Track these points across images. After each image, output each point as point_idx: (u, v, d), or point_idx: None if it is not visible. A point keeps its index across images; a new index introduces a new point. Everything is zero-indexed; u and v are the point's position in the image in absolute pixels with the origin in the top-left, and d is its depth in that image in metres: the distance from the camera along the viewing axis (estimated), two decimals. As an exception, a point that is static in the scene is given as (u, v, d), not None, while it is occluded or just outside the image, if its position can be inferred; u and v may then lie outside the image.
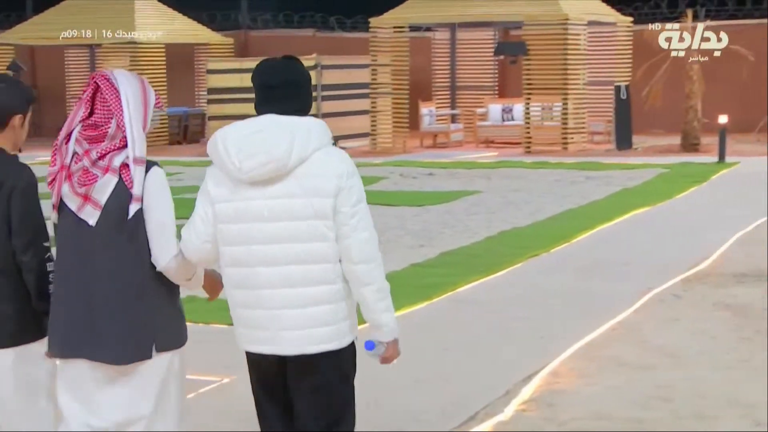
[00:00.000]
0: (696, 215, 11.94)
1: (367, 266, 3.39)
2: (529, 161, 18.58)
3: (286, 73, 3.50)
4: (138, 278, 3.45)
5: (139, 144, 3.42)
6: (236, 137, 3.39)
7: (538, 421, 5.16)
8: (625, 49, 22.03)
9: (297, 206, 3.37)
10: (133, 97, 3.43)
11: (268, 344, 3.45)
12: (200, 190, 3.50)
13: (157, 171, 3.48)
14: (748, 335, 6.70)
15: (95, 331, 3.45)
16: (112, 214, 3.42)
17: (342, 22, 28.91)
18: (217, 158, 3.42)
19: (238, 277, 3.46)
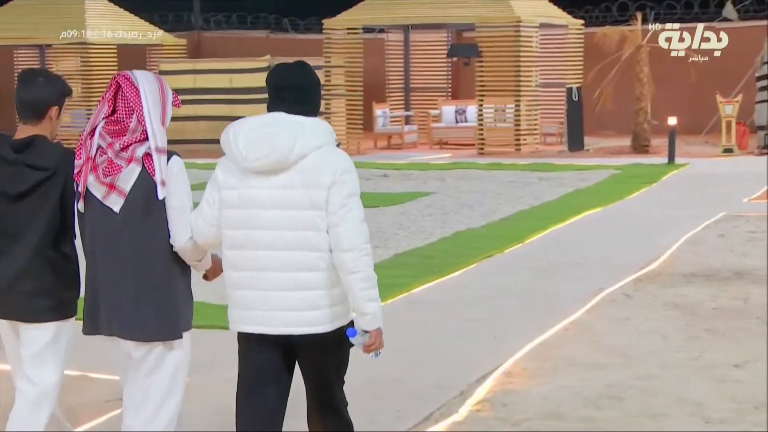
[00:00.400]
0: (647, 216, 12.09)
1: (354, 254, 3.62)
2: (482, 162, 18.68)
3: (296, 77, 3.80)
4: (162, 261, 3.78)
5: (159, 136, 3.74)
6: (245, 130, 3.70)
7: (492, 421, 5.20)
8: (576, 52, 22.25)
9: (295, 197, 3.65)
10: (152, 94, 3.77)
11: (260, 324, 3.71)
12: (211, 177, 3.80)
13: (176, 159, 3.80)
14: (697, 334, 6.80)
15: (124, 310, 3.78)
16: (136, 200, 3.73)
17: (295, 23, 28.85)
18: (227, 148, 3.73)
19: (236, 259, 3.73)
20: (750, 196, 13.60)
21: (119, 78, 3.80)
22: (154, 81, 3.82)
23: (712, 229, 11.05)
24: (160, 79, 3.87)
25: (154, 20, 26.21)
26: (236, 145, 3.68)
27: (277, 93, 3.76)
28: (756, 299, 7.75)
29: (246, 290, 3.72)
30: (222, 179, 3.74)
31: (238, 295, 3.75)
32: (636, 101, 20.50)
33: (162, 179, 3.73)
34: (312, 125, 3.70)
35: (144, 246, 3.76)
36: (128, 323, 3.80)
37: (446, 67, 24.67)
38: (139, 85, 3.77)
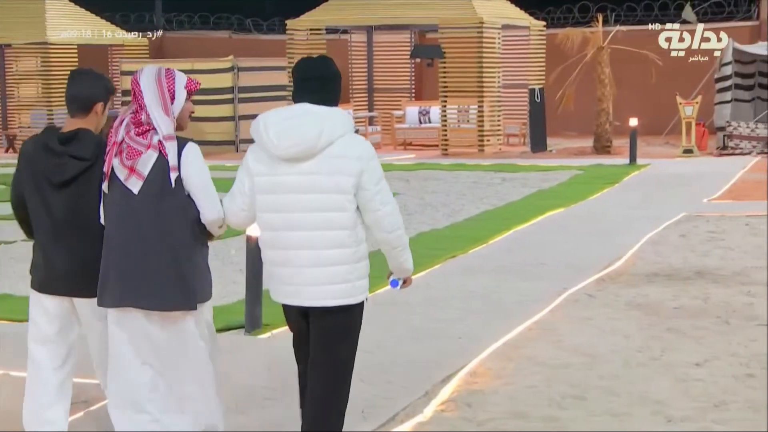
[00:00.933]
0: (609, 216, 12.19)
1: (397, 233, 4.18)
2: (446, 163, 18.74)
3: (319, 69, 4.18)
4: (178, 237, 4.16)
5: (163, 125, 4.14)
6: (275, 121, 4.07)
7: (457, 421, 5.22)
8: (538, 53, 22.38)
9: (323, 181, 4.04)
10: (149, 89, 4.16)
11: (293, 297, 4.15)
12: (240, 165, 4.16)
13: (191, 145, 4.21)
14: (659, 333, 6.87)
15: (141, 283, 4.15)
16: (154, 182, 4.13)
17: (258, 24, 28.77)
18: (258, 138, 4.10)
19: (271, 239, 4.15)
20: (710, 197, 13.76)
21: (132, 79, 4.25)
22: (150, 76, 4.19)
23: (673, 229, 11.16)
24: (160, 69, 4.22)
25: (116, 20, 26.01)
26: (267, 135, 4.04)
27: (301, 84, 4.13)
28: (716, 298, 7.84)
29: (281, 267, 4.13)
30: (253, 166, 4.11)
31: (275, 272, 4.18)
32: (598, 102, 20.66)
33: (173, 165, 4.11)
34: (335, 115, 4.07)
35: (160, 224, 4.14)
36: (144, 295, 4.16)
37: (409, 68, 24.72)
38: (141, 82, 4.17)
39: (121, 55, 24.35)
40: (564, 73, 20.63)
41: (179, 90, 4.23)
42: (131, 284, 4.19)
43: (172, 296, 4.19)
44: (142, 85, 4.18)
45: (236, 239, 10.22)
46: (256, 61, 22.90)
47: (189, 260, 4.22)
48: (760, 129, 19.80)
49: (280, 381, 5.89)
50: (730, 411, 5.30)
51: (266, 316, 7.13)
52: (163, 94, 4.18)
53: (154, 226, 4.16)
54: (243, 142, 22.13)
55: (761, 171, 16.69)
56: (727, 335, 6.78)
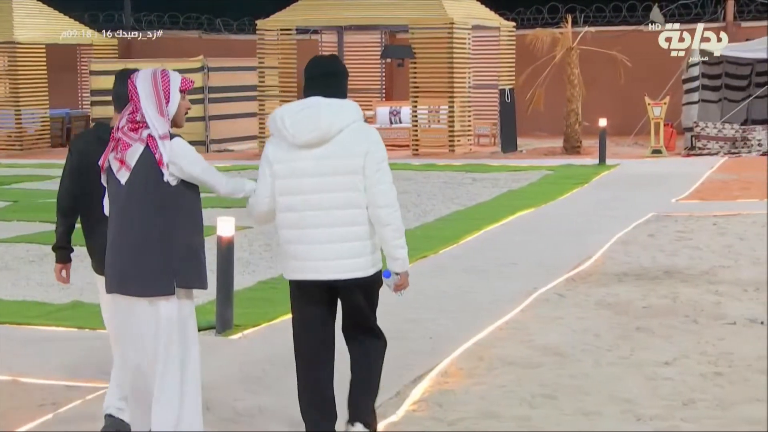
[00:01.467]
0: (579, 216, 12.25)
1: (388, 210, 4.52)
2: (416, 164, 18.76)
3: (330, 66, 4.61)
4: (159, 227, 4.33)
5: (158, 124, 4.35)
6: (290, 113, 4.49)
7: (428, 421, 5.23)
8: (508, 54, 22.46)
9: (337, 164, 4.46)
10: (143, 90, 4.36)
11: (311, 272, 4.50)
12: (262, 157, 4.56)
13: (177, 140, 4.39)
14: (628, 332, 6.91)
15: (125, 270, 4.37)
16: (140, 174, 4.33)
17: (228, 24, 28.67)
18: (275, 129, 4.51)
19: (290, 220, 4.53)
20: (678, 197, 13.87)
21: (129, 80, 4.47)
22: (146, 78, 4.39)
23: (642, 229, 11.24)
24: (156, 71, 4.40)
25: (84, 20, 25.82)
26: (284, 125, 4.45)
27: (314, 80, 4.54)
28: (684, 297, 7.91)
29: (298, 245, 4.50)
30: (272, 155, 4.50)
31: (291, 250, 4.53)
32: (567, 103, 20.77)
33: (166, 162, 4.31)
34: (345, 105, 4.52)
35: (144, 215, 4.34)
36: (123, 280, 4.38)
37: (380, 68, 24.74)
38: (137, 84, 4.38)
39: (90, 55, 24.18)
40: (534, 74, 20.72)
41: (174, 91, 4.41)
42: (118, 272, 4.40)
43: (151, 283, 4.35)
44: (138, 88, 4.38)
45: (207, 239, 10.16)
46: (226, 62, 22.82)
47: (170, 250, 4.36)
48: (727, 130, 19.99)
49: (252, 381, 5.88)
50: (698, 409, 5.35)
51: (237, 317, 7.11)
52: (158, 95, 4.38)
53: (140, 217, 4.35)
54: (213, 143, 22.05)
55: (728, 171, 16.86)
56: (696, 334, 6.84)
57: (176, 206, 4.39)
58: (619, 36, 23.57)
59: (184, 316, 4.47)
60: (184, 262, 4.42)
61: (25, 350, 6.57)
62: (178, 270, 4.39)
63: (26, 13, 23.62)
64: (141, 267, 4.35)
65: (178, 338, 4.44)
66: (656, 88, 21.09)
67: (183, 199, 4.41)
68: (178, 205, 4.39)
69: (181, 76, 4.47)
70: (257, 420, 5.27)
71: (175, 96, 4.39)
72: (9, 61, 22.83)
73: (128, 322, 4.47)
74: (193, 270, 4.46)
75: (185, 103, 4.49)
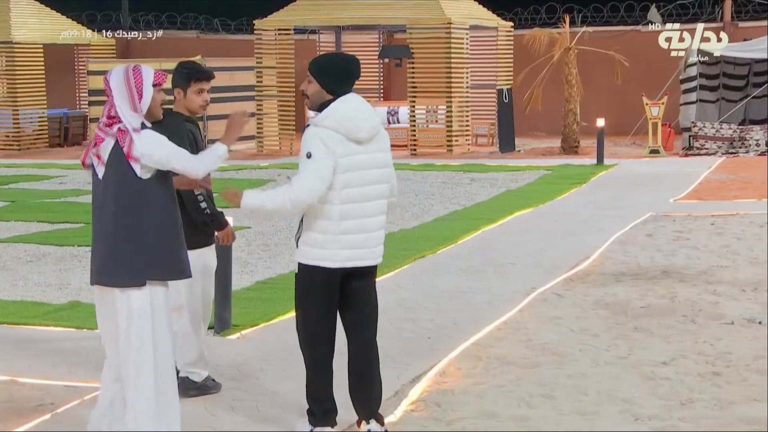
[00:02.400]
0: (577, 216, 12.26)
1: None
2: (415, 164, 18.75)
3: (357, 64, 4.95)
4: (131, 219, 4.44)
5: (131, 119, 4.46)
6: (352, 107, 4.76)
7: (427, 421, 5.23)
8: (506, 54, 22.46)
9: (382, 157, 4.87)
10: (117, 87, 4.49)
11: (364, 259, 4.85)
12: (315, 153, 4.68)
13: (146, 130, 4.48)
14: (626, 332, 6.92)
15: (102, 262, 4.50)
16: (111, 167, 4.46)
17: (226, 24, 28.67)
18: (339, 123, 4.72)
19: (349, 210, 4.77)
20: (676, 197, 13.88)
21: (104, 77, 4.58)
22: (119, 74, 4.50)
23: (640, 229, 11.24)
24: (128, 68, 4.52)
25: (82, 20, 25.81)
26: (352, 120, 4.72)
27: (351, 77, 4.83)
28: (682, 297, 7.91)
29: (357, 234, 4.78)
30: (336, 149, 4.69)
31: (349, 239, 4.77)
32: (565, 103, 20.78)
33: (136, 155, 4.41)
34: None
35: (117, 207, 4.45)
36: (99, 271, 4.52)
37: (378, 68, 24.73)
38: (110, 81, 4.50)
39: (88, 55, 24.17)
40: (532, 74, 20.73)
41: (147, 87, 4.51)
42: (97, 264, 4.56)
43: (122, 274, 4.46)
44: (112, 85, 4.49)
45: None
46: (223, 61, 22.80)
47: (141, 242, 4.46)
48: (725, 130, 20.00)
49: (250, 382, 5.88)
50: (696, 409, 5.35)
51: (235, 317, 7.11)
52: (130, 91, 4.48)
53: (113, 210, 4.47)
54: (211, 142, 22.00)
55: (726, 171, 16.88)
56: (694, 334, 6.85)
57: (148, 199, 4.46)
58: (617, 36, 23.61)
59: (158, 309, 4.51)
60: (156, 254, 4.49)
61: (23, 350, 6.57)
62: (149, 262, 4.47)
63: (24, 13, 23.61)
64: (114, 258, 4.47)
65: (151, 332, 4.48)
66: (654, 88, 21.10)
67: (156, 191, 4.49)
68: (150, 197, 4.47)
69: (154, 71, 4.57)
70: (256, 420, 5.27)
71: (147, 90, 4.50)
72: (7, 61, 22.81)
73: (105, 313, 4.57)
74: (166, 262, 4.52)
75: (160, 96, 4.60)
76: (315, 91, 4.83)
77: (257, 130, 21.84)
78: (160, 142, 4.50)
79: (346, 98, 4.79)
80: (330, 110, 4.75)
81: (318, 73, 4.82)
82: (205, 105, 5.60)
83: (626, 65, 20.58)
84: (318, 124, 4.76)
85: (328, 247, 4.77)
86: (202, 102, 5.58)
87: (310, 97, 4.87)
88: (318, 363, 4.89)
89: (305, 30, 24.17)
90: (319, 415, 4.92)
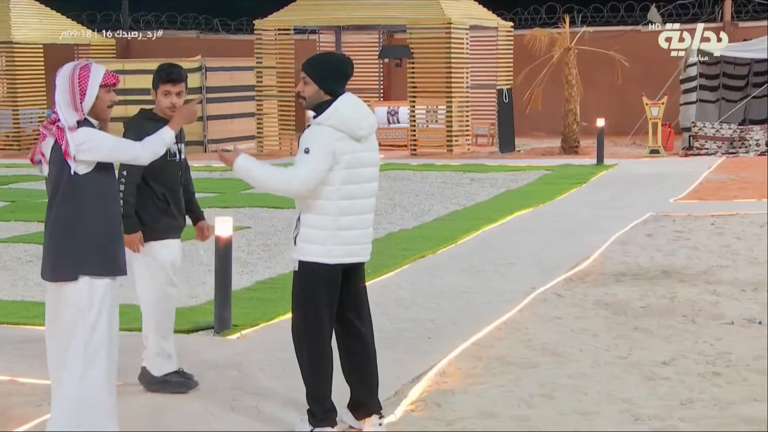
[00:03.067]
0: (577, 216, 12.26)
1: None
2: (414, 164, 18.76)
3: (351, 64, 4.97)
4: (67, 215, 4.51)
5: (68, 116, 4.50)
6: (352, 106, 4.83)
7: (427, 421, 5.23)
8: (506, 54, 22.46)
9: (376, 156, 4.94)
10: (60, 83, 4.54)
11: (359, 255, 4.92)
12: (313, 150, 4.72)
13: (82, 128, 4.50)
14: (626, 332, 6.92)
15: (44, 257, 4.61)
16: (52, 165, 4.54)
17: (226, 24, 28.67)
18: (341, 122, 4.77)
19: (347, 207, 4.82)
20: (676, 197, 13.88)
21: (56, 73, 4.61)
22: (66, 71, 4.54)
23: (640, 229, 11.24)
24: (76, 67, 4.55)
25: (82, 20, 25.81)
26: (354, 118, 4.78)
27: (344, 77, 4.87)
28: (682, 297, 7.91)
29: (353, 230, 4.82)
30: (339, 147, 4.74)
31: (346, 235, 4.83)
32: (565, 103, 20.78)
33: (72, 153, 4.45)
34: None
35: (55, 203, 4.54)
36: (44, 266, 4.62)
37: (378, 68, 24.73)
38: (57, 76, 4.56)
39: (88, 55, 24.16)
40: (532, 74, 20.73)
41: (92, 86, 4.51)
42: (43, 259, 4.65)
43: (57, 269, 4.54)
44: (57, 81, 4.55)
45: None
46: (223, 61, 22.81)
47: (76, 238, 4.51)
48: (725, 130, 20.00)
49: (250, 382, 5.88)
50: (696, 409, 5.35)
51: (235, 317, 7.10)
52: (72, 89, 4.51)
53: (53, 205, 4.55)
54: (211, 142, 22.04)
55: (726, 171, 16.88)
56: (694, 334, 6.84)
57: (84, 195, 4.50)
58: (617, 36, 23.61)
59: (93, 306, 4.52)
60: (91, 250, 4.51)
61: (23, 350, 6.57)
62: (83, 258, 4.50)
63: (24, 13, 23.61)
64: (49, 253, 4.56)
65: (83, 329, 4.50)
66: (654, 88, 21.11)
67: (93, 188, 4.52)
68: (86, 194, 4.50)
69: (105, 71, 4.56)
70: (256, 420, 5.27)
71: (92, 90, 4.50)
72: (7, 61, 22.82)
73: (48, 308, 4.63)
74: (101, 258, 4.54)
75: (109, 96, 4.58)
76: (313, 92, 4.85)
77: (257, 130, 21.84)
78: (97, 137, 4.50)
79: (345, 97, 4.84)
80: (332, 110, 4.79)
81: (316, 75, 4.83)
82: (172, 107, 5.45)
83: (626, 65, 20.58)
84: (321, 123, 4.79)
85: (326, 243, 4.81)
86: (169, 104, 5.47)
87: (308, 99, 4.87)
88: (320, 363, 4.89)
89: (305, 30, 24.17)
90: (319, 416, 4.91)
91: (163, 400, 5.53)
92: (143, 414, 5.32)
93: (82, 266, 4.51)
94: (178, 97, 5.51)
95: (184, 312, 7.48)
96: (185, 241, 5.94)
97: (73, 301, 4.52)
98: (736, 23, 24.89)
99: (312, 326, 4.87)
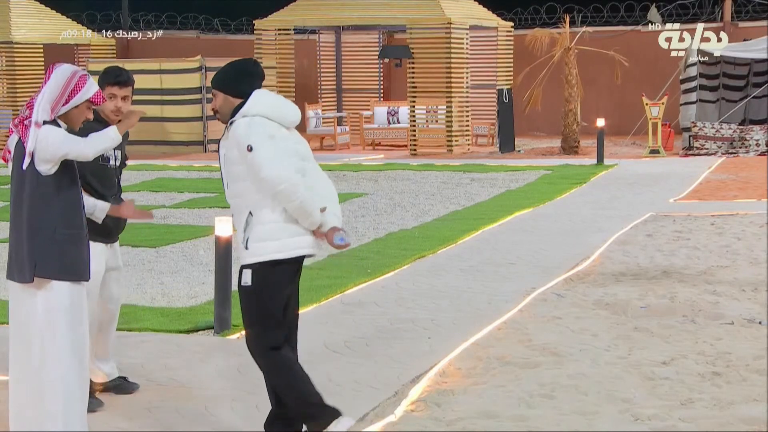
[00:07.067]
0: (577, 216, 12.26)
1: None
2: (415, 164, 18.76)
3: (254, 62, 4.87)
4: (24, 215, 4.41)
5: (41, 112, 4.38)
6: (271, 95, 4.72)
7: (427, 421, 5.23)
8: (506, 54, 22.47)
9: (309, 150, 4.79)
10: (54, 81, 4.43)
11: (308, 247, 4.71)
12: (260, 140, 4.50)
13: (46, 125, 4.39)
14: (626, 332, 6.92)
15: (10, 257, 4.52)
16: (14, 162, 4.46)
17: (226, 24, 28.67)
18: (270, 110, 4.61)
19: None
20: (676, 197, 13.88)
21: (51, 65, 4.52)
22: (65, 72, 4.45)
23: (640, 229, 11.24)
24: (75, 73, 4.46)
25: (82, 20, 25.81)
26: (286, 110, 4.69)
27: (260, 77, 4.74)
28: (682, 297, 7.91)
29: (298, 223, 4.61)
30: (278, 134, 4.58)
31: (292, 227, 4.61)
32: (565, 103, 20.78)
33: (31, 150, 4.36)
34: None
35: (15, 201, 4.47)
36: (10, 267, 4.52)
37: (378, 68, 24.73)
38: (54, 72, 4.46)
39: (88, 55, 24.17)
40: (532, 74, 20.73)
41: (79, 97, 4.45)
42: (9, 259, 4.56)
43: (13, 268, 4.48)
44: (53, 76, 4.44)
45: (205, 239, 10.17)
46: (223, 61, 22.61)
47: (32, 238, 4.41)
48: (725, 130, 20.00)
49: (250, 382, 5.87)
50: (696, 409, 5.35)
51: (235, 317, 7.10)
52: (63, 90, 4.43)
53: (12, 203, 4.50)
54: (211, 142, 22.04)
55: (726, 171, 16.88)
56: (694, 334, 6.84)
57: (43, 195, 4.39)
58: (617, 36, 23.62)
59: (50, 309, 4.43)
60: (47, 252, 4.41)
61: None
62: (39, 259, 4.40)
63: (24, 13, 23.61)
64: (10, 253, 4.50)
65: (38, 332, 4.43)
66: (654, 88, 21.11)
67: (53, 188, 4.41)
68: (45, 193, 4.39)
69: (97, 90, 4.51)
70: (256, 420, 5.26)
71: (78, 100, 4.44)
72: (6, 61, 22.82)
73: (11, 309, 4.56)
74: (57, 261, 4.43)
75: (87, 113, 4.53)
76: (222, 100, 4.66)
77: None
78: (52, 133, 4.39)
79: (258, 91, 4.65)
80: (253, 101, 4.59)
81: (220, 84, 4.68)
82: (116, 111, 5.31)
83: (626, 65, 20.59)
84: (248, 113, 4.56)
85: (279, 237, 4.60)
86: (113, 107, 5.31)
87: (220, 110, 4.68)
88: (292, 365, 4.67)
89: (305, 30, 24.18)
90: (322, 416, 4.72)
91: (163, 400, 5.53)
92: (142, 413, 5.32)
93: (38, 268, 4.39)
94: (124, 101, 5.35)
95: (184, 312, 7.48)
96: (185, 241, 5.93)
97: (32, 303, 4.43)
98: (736, 23, 24.89)
99: (274, 331, 4.67)
